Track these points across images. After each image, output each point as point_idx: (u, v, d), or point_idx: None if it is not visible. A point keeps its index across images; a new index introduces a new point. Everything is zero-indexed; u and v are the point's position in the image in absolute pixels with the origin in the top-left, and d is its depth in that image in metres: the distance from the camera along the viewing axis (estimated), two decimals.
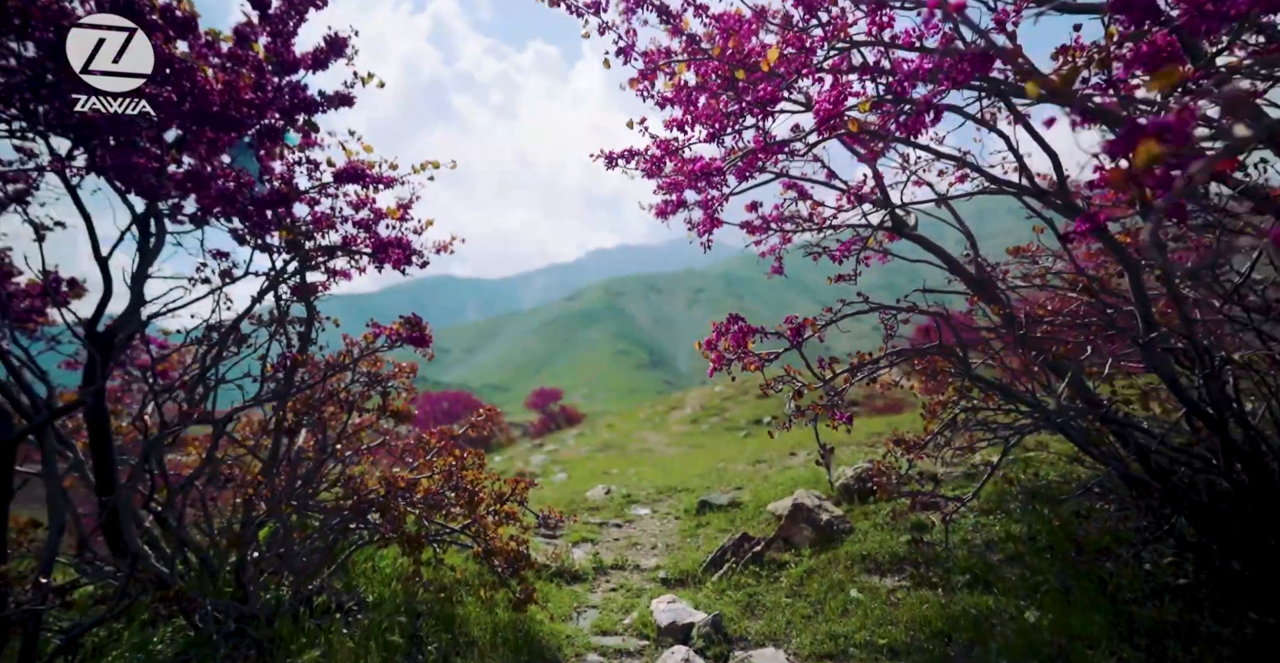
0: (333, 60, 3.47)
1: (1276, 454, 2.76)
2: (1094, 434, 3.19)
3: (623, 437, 19.49)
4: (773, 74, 2.17)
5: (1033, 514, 3.97)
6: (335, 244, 3.72)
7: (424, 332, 3.84)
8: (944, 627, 3.16)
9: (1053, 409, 2.89)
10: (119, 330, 3.73)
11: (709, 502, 6.00)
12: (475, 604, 3.75)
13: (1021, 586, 3.35)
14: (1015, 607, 3.18)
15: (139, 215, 3.71)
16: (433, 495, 3.63)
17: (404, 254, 3.83)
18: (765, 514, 5.19)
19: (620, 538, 5.66)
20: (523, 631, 3.58)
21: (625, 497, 7.10)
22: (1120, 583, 3.07)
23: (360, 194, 3.70)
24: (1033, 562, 3.51)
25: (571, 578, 4.64)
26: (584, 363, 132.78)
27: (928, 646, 3.05)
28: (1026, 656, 2.80)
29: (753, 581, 4.16)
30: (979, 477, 4.86)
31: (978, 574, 3.53)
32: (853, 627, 3.31)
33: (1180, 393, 2.66)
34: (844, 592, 3.71)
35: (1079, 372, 3.16)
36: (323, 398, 3.68)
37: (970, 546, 3.90)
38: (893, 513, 4.46)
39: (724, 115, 2.83)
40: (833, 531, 4.46)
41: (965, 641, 3.02)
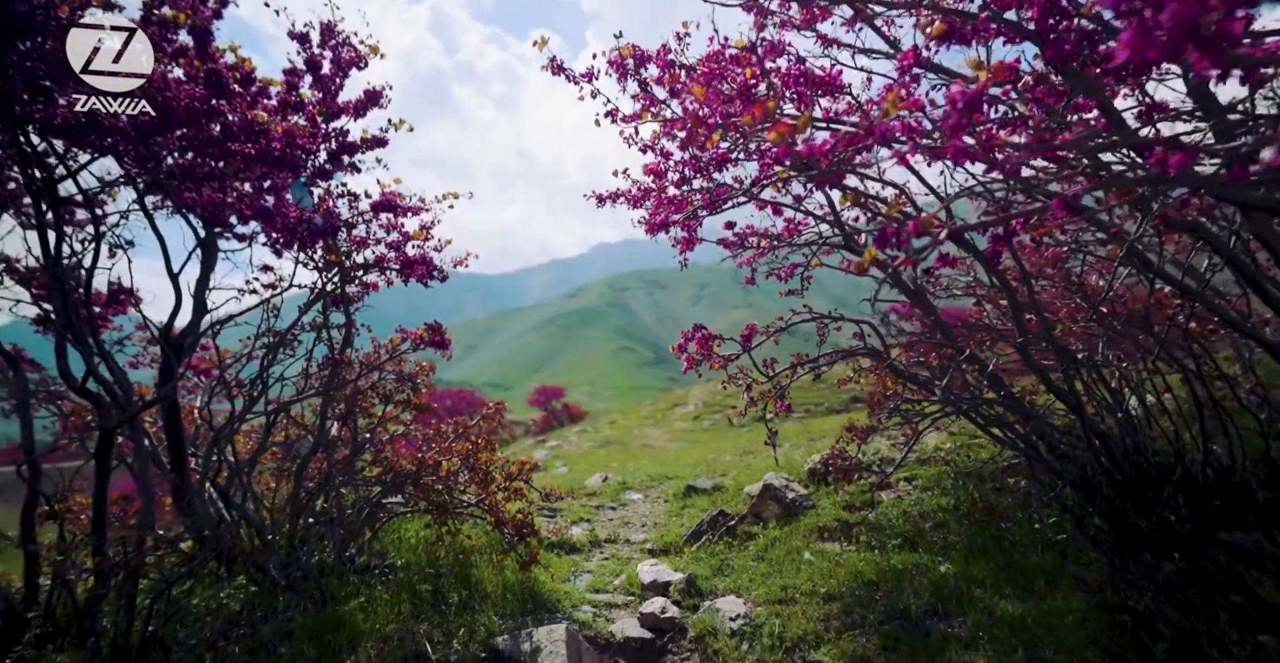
0: (370, 109, 4.15)
1: (1128, 433, 3.43)
2: (994, 418, 3.88)
3: (624, 433, 20.21)
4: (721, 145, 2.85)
5: (961, 489, 4.67)
6: (370, 262, 4.41)
7: (444, 336, 4.54)
8: (875, 578, 3.85)
9: (954, 396, 3.57)
10: (186, 336, 4.43)
11: (695, 487, 6.70)
12: (488, 567, 4.45)
13: (941, 545, 4.04)
14: (933, 561, 3.88)
15: (202, 239, 4.41)
16: (452, 474, 4.34)
17: (427, 270, 4.51)
18: (742, 495, 5.89)
19: (614, 518, 6.37)
20: (528, 588, 4.28)
21: (621, 484, 7.81)
22: (1013, 540, 3.76)
23: (391, 220, 4.39)
24: (953, 527, 4.21)
25: (570, 549, 5.34)
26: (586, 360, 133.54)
27: (859, 592, 3.74)
28: (933, 596, 3.49)
29: (725, 549, 4.86)
30: (929, 461, 5.56)
31: (908, 538, 4.23)
32: (802, 580, 4.00)
33: (1048, 384, 3.34)
34: (800, 555, 4.41)
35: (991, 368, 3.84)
36: (363, 392, 4.37)
37: (907, 516, 4.60)
38: (849, 492, 5.15)
39: (693, 162, 3.51)
40: (796, 507, 5.16)
41: (888, 587, 3.71)
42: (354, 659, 3.43)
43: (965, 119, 1.54)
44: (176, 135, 3.40)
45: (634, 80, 3.46)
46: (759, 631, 3.55)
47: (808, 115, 1.63)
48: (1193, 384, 3.39)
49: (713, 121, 2.96)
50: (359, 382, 4.53)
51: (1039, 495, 4.02)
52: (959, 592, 3.48)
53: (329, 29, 3.86)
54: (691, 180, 3.46)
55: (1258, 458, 3.50)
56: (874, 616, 3.49)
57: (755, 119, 1.92)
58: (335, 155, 4.02)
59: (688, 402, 24.89)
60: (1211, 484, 3.47)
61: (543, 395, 34.55)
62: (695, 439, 16.45)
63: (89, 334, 3.73)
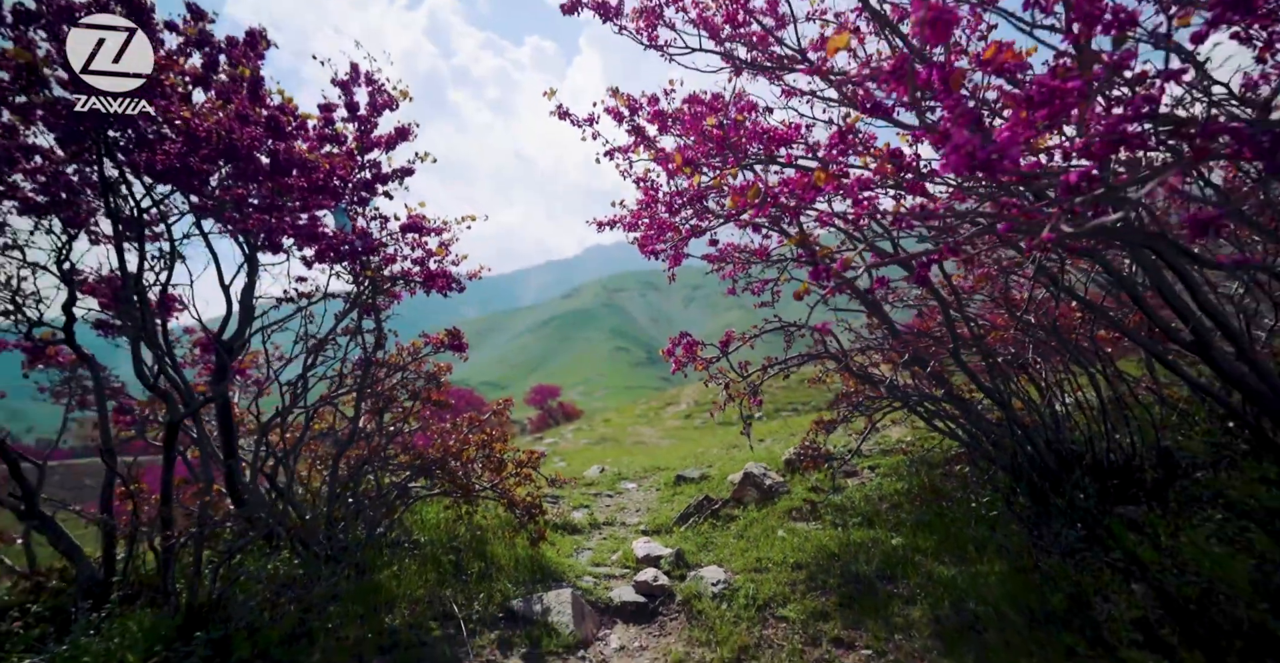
0: (400, 143, 4.77)
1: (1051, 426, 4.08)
2: (940, 412, 4.52)
3: (619, 431, 20.84)
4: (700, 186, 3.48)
5: (914, 475, 5.32)
6: (398, 275, 5.02)
7: (462, 341, 5.16)
8: (836, 550, 4.49)
9: (901, 393, 4.21)
10: (236, 340, 5.04)
11: (684, 476, 7.34)
12: (501, 543, 5.06)
13: (894, 522, 4.68)
14: (886, 535, 4.52)
15: (248, 255, 5.02)
16: (471, 462, 4.96)
17: (447, 282, 5.12)
18: (726, 483, 6.52)
19: (611, 504, 7.00)
20: (537, 561, 4.90)
21: (616, 475, 8.44)
22: (953, 516, 4.40)
23: (416, 238, 5.00)
24: (905, 507, 4.85)
25: (572, 530, 5.97)
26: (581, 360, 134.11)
27: (822, 562, 4.38)
28: (883, 564, 4.13)
29: (710, 529, 5.49)
30: (891, 452, 6.21)
31: (867, 516, 4.87)
32: (774, 553, 4.64)
33: (978, 383, 3.98)
34: (774, 533, 5.04)
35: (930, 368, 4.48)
36: (393, 389, 4.99)
37: (868, 498, 5.24)
38: (819, 479, 5.79)
39: (678, 193, 4.14)
40: (773, 492, 5.79)
41: (847, 558, 4.35)
42: (391, 617, 4.05)
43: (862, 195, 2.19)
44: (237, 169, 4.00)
45: (629, 124, 4.09)
46: (736, 593, 4.18)
47: (756, 187, 2.25)
48: (1097, 385, 4.05)
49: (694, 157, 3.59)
50: (388, 381, 5.13)
51: (976, 479, 4.67)
52: (905, 560, 4.13)
53: (368, 78, 4.47)
54: (679, 211, 4.08)
55: (1152, 445, 4.16)
56: (833, 580, 4.13)
57: (728, 186, 2.54)
58: (370, 184, 4.63)
59: (680, 401, 25.52)
60: (1113, 468, 4.12)
61: (539, 394, 35.17)
62: (686, 437, 17.07)
63: (161, 339, 4.33)
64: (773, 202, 2.57)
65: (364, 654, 3.69)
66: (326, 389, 5.31)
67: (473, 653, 3.76)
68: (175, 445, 4.50)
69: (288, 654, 3.65)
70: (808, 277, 2.27)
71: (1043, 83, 1.61)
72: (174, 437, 4.47)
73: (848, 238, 3.76)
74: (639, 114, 4.13)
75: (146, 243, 4.96)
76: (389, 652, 3.75)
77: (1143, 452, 4.17)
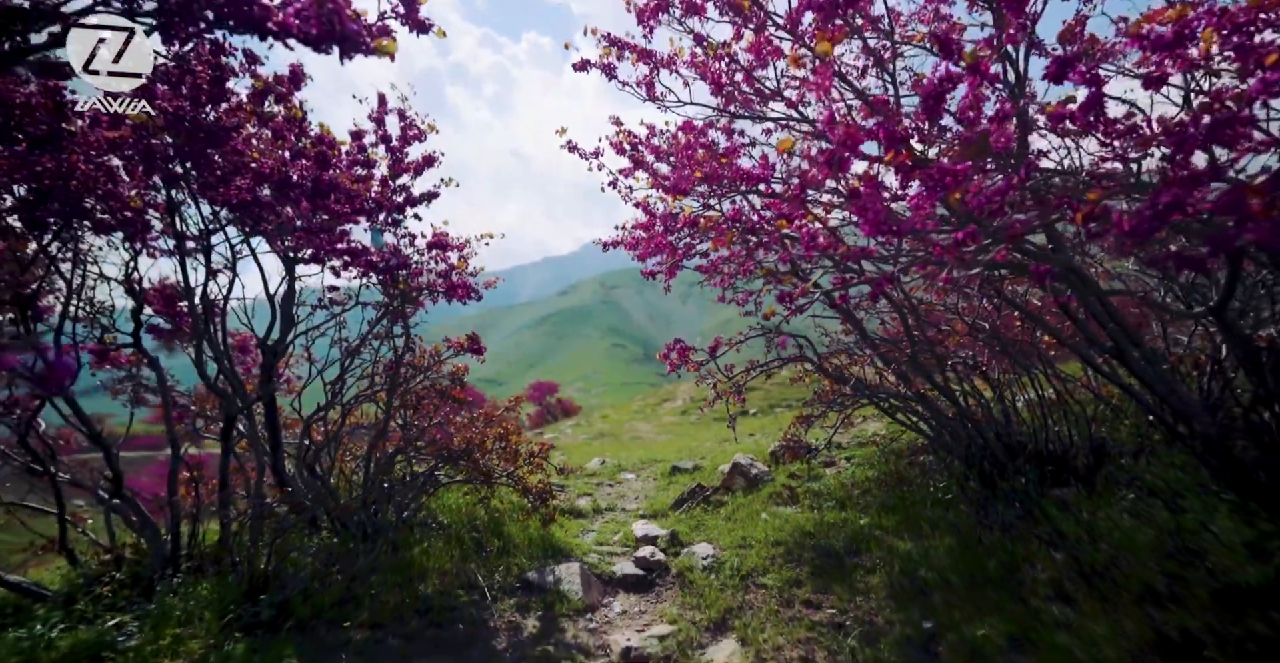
0: (426, 170, 5.36)
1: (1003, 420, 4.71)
2: (905, 408, 5.15)
3: (616, 426, 21.46)
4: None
5: (883, 464, 5.95)
6: (423, 286, 5.61)
7: (480, 345, 5.76)
8: (812, 529, 5.12)
9: (866, 391, 4.83)
10: (278, 344, 5.63)
11: (679, 467, 7.96)
12: (515, 525, 5.68)
13: (863, 505, 5.31)
14: (855, 516, 5.15)
15: (288, 268, 5.61)
16: (488, 452, 5.57)
17: (466, 292, 5.72)
18: (717, 473, 7.14)
19: (612, 493, 7.62)
20: (548, 541, 5.51)
21: (616, 466, 9.07)
22: (914, 499, 5.03)
23: (440, 254, 5.59)
24: (874, 492, 5.48)
25: (577, 515, 6.59)
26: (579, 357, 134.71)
27: (799, 539, 5.00)
28: (850, 540, 4.76)
29: (701, 512, 6.11)
30: (867, 444, 6.84)
31: (840, 501, 5.50)
32: (758, 532, 5.26)
33: (933, 383, 4.60)
34: (758, 515, 5.66)
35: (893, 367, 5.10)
36: (420, 387, 5.59)
37: (842, 485, 5.87)
38: (801, 468, 6.42)
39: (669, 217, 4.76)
40: (759, 480, 6.42)
41: (821, 535, 4.97)
42: (424, 586, 4.67)
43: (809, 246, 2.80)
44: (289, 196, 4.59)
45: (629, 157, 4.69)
46: (723, 566, 4.80)
47: (733, 231, 2.86)
48: (1039, 384, 4.67)
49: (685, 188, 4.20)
50: (415, 380, 5.74)
51: (936, 467, 5.30)
52: (870, 536, 4.75)
53: (400, 113, 5.06)
54: (673, 232, 4.69)
55: (1086, 436, 4.78)
56: (807, 554, 4.76)
57: (716, 234, 3.15)
58: (402, 207, 5.23)
59: (676, 397, 26.14)
60: (1051, 456, 4.75)
61: (538, 391, 35.78)
62: (682, 432, 17.70)
63: (221, 343, 4.93)
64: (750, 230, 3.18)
65: (404, 616, 4.31)
66: (360, 388, 5.92)
67: (496, 615, 4.38)
68: (232, 436, 5.10)
69: (339, 614, 4.26)
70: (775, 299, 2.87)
71: (942, 168, 2.22)
72: (230, 429, 5.07)
73: (795, 272, 4.36)
74: (639, 147, 4.73)
75: (195, 257, 5.55)
76: (424, 614, 4.36)
77: (1078, 442, 4.80)
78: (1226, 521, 3.56)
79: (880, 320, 5.65)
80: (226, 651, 3.87)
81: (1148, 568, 3.49)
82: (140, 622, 4.13)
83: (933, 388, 5.18)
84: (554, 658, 3.89)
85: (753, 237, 3.84)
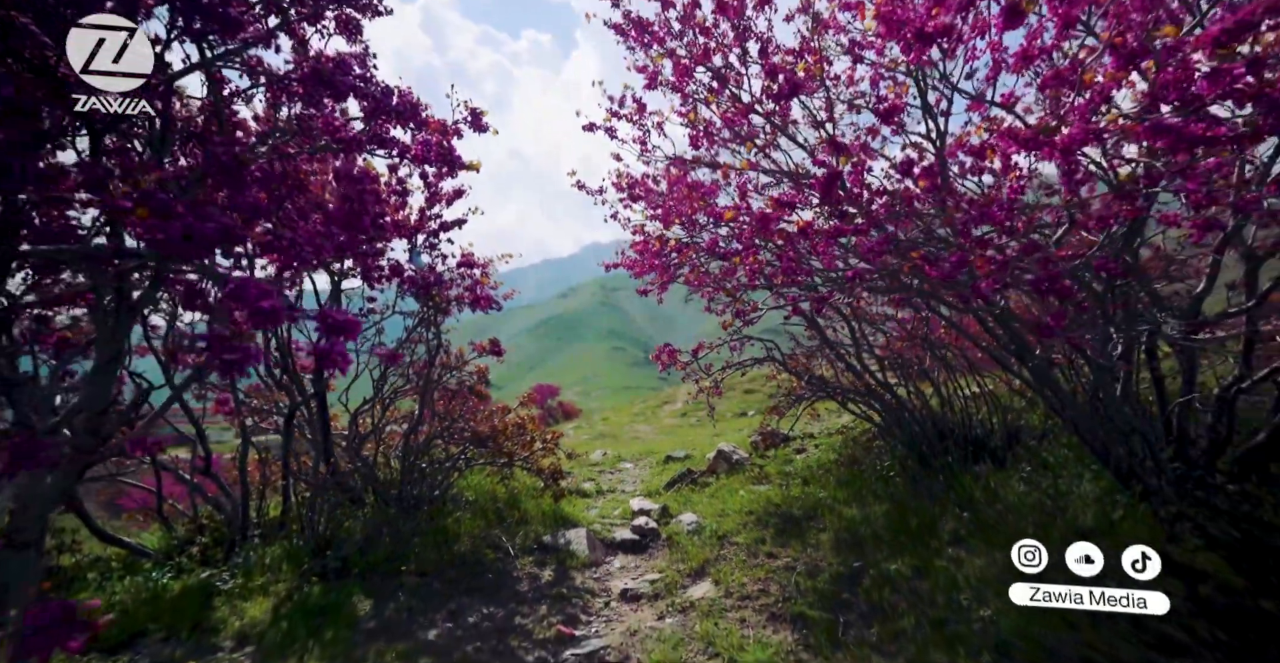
0: (456, 201, 6.39)
1: (937, 413, 5.74)
2: (856, 399, 6.18)
3: (617, 428, 22.41)
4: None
5: (844, 449, 6.97)
6: (452, 298, 6.64)
7: (500, 348, 6.79)
8: (779, 502, 6.13)
9: (823, 386, 5.86)
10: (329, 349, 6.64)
11: (672, 456, 8.99)
12: (531, 500, 6.69)
13: (823, 483, 6.33)
14: (816, 491, 6.17)
15: (335, 283, 6.63)
16: (508, 439, 6.59)
17: (488, 303, 6.74)
18: (705, 460, 8.17)
19: (612, 478, 8.65)
20: (559, 514, 6.52)
21: (616, 457, 10.10)
22: (864, 476, 6.05)
23: (466, 271, 6.62)
24: (834, 472, 6.50)
25: (583, 495, 7.61)
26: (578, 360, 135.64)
27: (768, 509, 6.02)
28: (809, 509, 5.78)
29: (689, 491, 7.13)
30: (834, 434, 7.87)
31: (806, 479, 6.52)
32: (734, 505, 6.28)
33: (877, 381, 5.62)
34: (736, 492, 6.68)
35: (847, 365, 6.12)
36: (457, 384, 6.62)
37: (809, 467, 6.89)
38: (777, 454, 7.44)
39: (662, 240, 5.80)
40: (739, 465, 7.44)
41: (785, 506, 5.99)
42: (458, 547, 5.68)
43: (752, 277, 3.82)
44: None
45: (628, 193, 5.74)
46: (703, 530, 5.82)
47: (706, 263, 3.88)
48: (967, 382, 5.70)
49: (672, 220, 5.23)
50: (445, 377, 6.76)
51: (884, 450, 6.32)
52: (825, 506, 5.77)
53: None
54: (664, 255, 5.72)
55: (1004, 424, 5.81)
56: (773, 520, 5.77)
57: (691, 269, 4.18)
58: (437, 233, 6.26)
59: (676, 400, 27.08)
60: (974, 440, 5.77)
61: (540, 393, 36.56)
62: (682, 434, 18.63)
63: (287, 347, 5.95)
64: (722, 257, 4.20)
65: (443, 568, 5.32)
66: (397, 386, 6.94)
67: (518, 568, 5.39)
68: (293, 425, 6.13)
69: (391, 567, 5.27)
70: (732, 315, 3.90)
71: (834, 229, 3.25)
72: (292, 419, 6.10)
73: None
74: (635, 187, 5.77)
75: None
76: (460, 567, 5.37)
77: (996, 428, 5.83)
78: (1088, 485, 4.60)
79: (845, 327, 6.71)
80: (306, 591, 4.89)
81: (1025, 519, 4.51)
82: (232, 572, 5.17)
83: (879, 384, 6.22)
84: (566, 597, 4.90)
85: (724, 262, 4.88)
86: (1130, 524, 4.11)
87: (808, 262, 3.17)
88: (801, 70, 3.77)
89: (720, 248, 4.58)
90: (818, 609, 4.16)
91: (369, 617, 4.58)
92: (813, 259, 3.93)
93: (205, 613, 4.61)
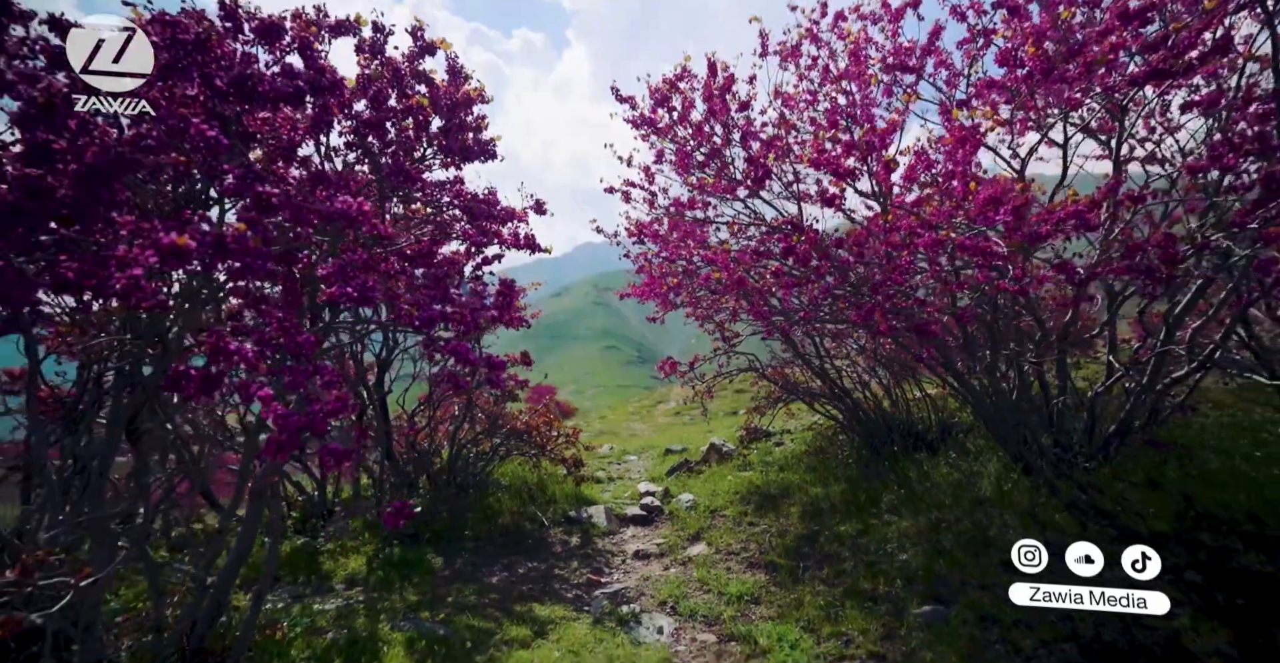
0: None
1: (887, 412, 7.17)
2: (824, 399, 7.60)
3: (614, 425, 23.76)
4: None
5: (814, 442, 8.40)
6: (492, 320, 8.01)
7: (530, 359, 8.18)
8: (760, 484, 7.55)
9: (793, 388, 7.28)
10: (387, 360, 8.01)
11: (671, 449, 10.41)
12: (556, 484, 8.08)
13: (796, 468, 7.75)
14: (790, 476, 7.59)
15: None
16: (537, 432, 8.00)
17: (519, 322, 8.12)
18: (699, 452, 9.58)
19: (620, 468, 10.06)
20: (580, 495, 7.92)
21: (622, 451, 11.52)
22: (829, 463, 7.48)
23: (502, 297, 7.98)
24: (806, 460, 7.93)
25: (597, 482, 9.02)
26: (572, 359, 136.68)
27: (750, 490, 7.43)
28: (782, 489, 7.20)
29: (686, 477, 8.54)
30: (810, 429, 9.31)
31: (782, 466, 7.94)
32: (722, 487, 7.69)
33: (835, 385, 7.05)
34: (725, 478, 8.10)
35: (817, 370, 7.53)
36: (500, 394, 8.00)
37: (786, 457, 8.31)
38: (759, 447, 8.87)
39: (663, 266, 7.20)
40: (728, 456, 8.85)
41: (764, 487, 7.41)
42: (502, 519, 7.07)
43: (734, 313, 5.23)
44: None
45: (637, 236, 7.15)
46: (698, 506, 7.24)
47: (702, 297, 5.26)
48: (911, 387, 7.13)
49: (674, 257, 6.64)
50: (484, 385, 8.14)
51: (845, 442, 7.76)
52: (795, 486, 7.20)
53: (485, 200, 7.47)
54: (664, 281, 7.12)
55: (940, 420, 7.24)
56: (754, 498, 7.19)
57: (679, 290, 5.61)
58: (480, 266, 7.64)
59: (669, 399, 28.44)
60: (915, 433, 7.21)
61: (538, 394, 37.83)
62: (676, 432, 19.98)
63: (359, 359, 7.32)
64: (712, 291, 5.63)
65: (492, 535, 6.71)
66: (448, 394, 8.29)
67: (551, 536, 6.79)
68: (362, 423, 7.50)
69: (450, 533, 6.66)
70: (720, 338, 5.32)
71: (789, 280, 4.66)
72: (362, 418, 7.47)
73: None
74: (643, 231, 7.17)
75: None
76: (505, 535, 6.76)
77: (934, 425, 7.27)
78: (992, 466, 6.03)
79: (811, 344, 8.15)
80: (389, 551, 6.27)
81: (944, 493, 5.94)
82: (325, 537, 6.54)
83: (840, 389, 7.64)
84: (592, 556, 6.31)
85: (713, 294, 6.28)
86: (1016, 494, 5.54)
87: (770, 303, 4.54)
88: (771, 159, 5.18)
89: (711, 285, 5.99)
90: (785, 558, 5.58)
91: (442, 569, 5.97)
92: (774, 299, 5.35)
93: (315, 566, 5.97)
